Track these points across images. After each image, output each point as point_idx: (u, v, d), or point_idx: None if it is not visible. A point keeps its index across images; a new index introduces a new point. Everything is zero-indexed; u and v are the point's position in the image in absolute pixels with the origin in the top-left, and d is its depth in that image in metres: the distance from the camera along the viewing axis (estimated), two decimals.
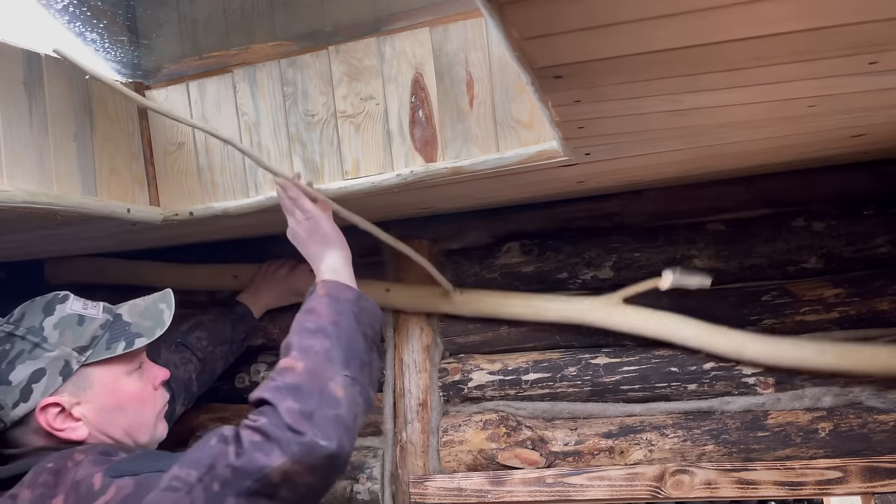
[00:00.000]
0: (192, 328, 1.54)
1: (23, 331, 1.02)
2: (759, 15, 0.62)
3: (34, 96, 1.17)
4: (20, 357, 1.00)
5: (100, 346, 1.05)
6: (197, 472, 0.84)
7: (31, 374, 0.99)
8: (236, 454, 0.85)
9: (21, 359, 0.99)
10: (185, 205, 1.38)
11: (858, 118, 1.03)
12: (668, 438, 1.46)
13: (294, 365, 0.97)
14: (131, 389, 1.08)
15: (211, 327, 1.56)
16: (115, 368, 1.06)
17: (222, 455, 0.85)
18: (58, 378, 1.00)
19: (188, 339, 1.52)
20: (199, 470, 0.84)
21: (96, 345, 1.05)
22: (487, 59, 1.18)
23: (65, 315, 1.05)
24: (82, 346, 1.03)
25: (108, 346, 1.05)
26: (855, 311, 1.42)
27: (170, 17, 1.39)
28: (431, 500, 1.56)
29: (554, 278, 1.59)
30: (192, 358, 1.51)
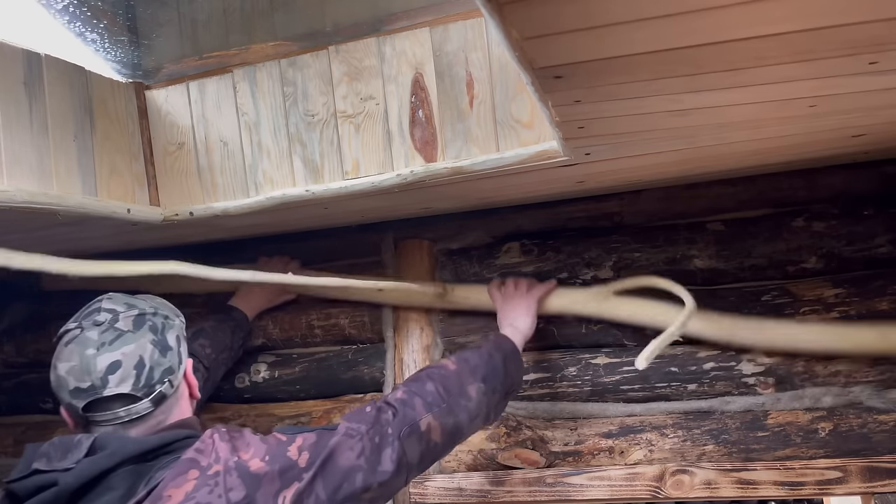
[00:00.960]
0: (196, 335, 1.54)
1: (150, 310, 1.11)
2: (759, 15, 0.62)
3: (34, 96, 1.17)
4: (165, 328, 1.10)
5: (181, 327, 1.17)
6: (365, 426, 1.08)
7: (176, 339, 1.11)
8: (393, 415, 1.12)
9: (166, 328, 1.10)
10: (185, 205, 1.38)
11: (858, 118, 1.03)
12: (668, 438, 1.46)
13: (447, 365, 1.25)
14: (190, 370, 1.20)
15: (213, 335, 1.57)
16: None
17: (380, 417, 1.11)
18: (184, 343, 1.13)
19: (193, 346, 1.51)
20: (367, 424, 1.08)
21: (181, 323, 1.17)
22: (487, 59, 1.18)
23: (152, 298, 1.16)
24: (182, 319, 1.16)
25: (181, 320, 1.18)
26: (855, 310, 1.42)
27: (170, 17, 1.39)
28: (431, 500, 1.56)
29: (554, 278, 1.59)
30: (199, 366, 1.51)
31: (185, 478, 0.94)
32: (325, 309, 1.74)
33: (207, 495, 0.92)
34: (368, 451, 1.06)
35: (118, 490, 0.95)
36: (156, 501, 0.92)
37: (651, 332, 1.41)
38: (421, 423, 1.13)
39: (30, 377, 1.92)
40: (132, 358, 1.04)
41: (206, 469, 0.95)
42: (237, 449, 1.00)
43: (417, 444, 1.12)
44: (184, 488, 0.93)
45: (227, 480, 0.95)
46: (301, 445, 1.02)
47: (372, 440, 1.07)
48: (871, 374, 1.39)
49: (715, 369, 1.45)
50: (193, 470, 0.95)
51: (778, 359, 1.43)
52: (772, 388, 1.43)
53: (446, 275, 1.66)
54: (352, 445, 1.04)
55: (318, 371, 1.71)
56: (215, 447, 0.99)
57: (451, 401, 1.18)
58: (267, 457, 0.99)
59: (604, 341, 1.54)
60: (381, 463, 1.06)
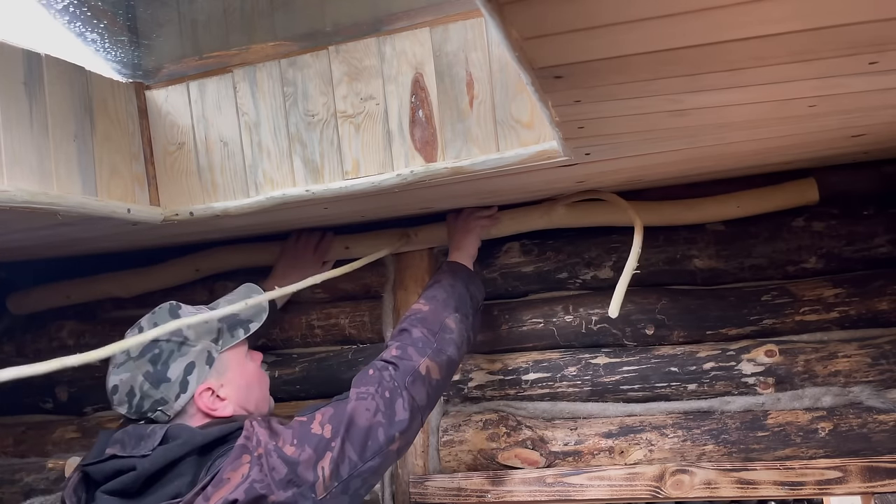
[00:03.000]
0: None
1: (165, 337, 1.16)
2: (759, 15, 0.62)
3: (34, 96, 1.17)
4: (172, 356, 1.15)
5: (226, 336, 1.22)
6: (372, 388, 1.18)
7: (185, 368, 1.15)
8: (394, 369, 1.21)
9: (173, 357, 1.15)
10: (185, 205, 1.38)
11: (858, 118, 1.03)
12: (668, 438, 1.46)
13: (421, 307, 1.34)
14: (252, 368, 1.27)
15: None
16: (239, 352, 1.25)
17: (383, 377, 1.20)
18: (205, 367, 1.18)
19: None
20: (373, 386, 1.18)
21: (223, 335, 1.22)
22: (487, 59, 1.18)
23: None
24: (214, 338, 1.21)
25: (232, 333, 1.23)
26: (855, 310, 1.42)
27: (170, 17, 1.39)
28: (431, 499, 1.56)
29: (554, 278, 1.59)
30: None
31: (240, 462, 1.05)
32: (324, 309, 1.74)
33: (259, 473, 1.03)
34: (383, 407, 1.16)
35: (186, 476, 1.06)
36: (217, 485, 1.02)
37: None
38: (420, 369, 1.23)
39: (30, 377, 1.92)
40: (125, 386, 1.15)
41: (253, 452, 1.06)
42: (273, 435, 1.09)
43: (422, 387, 1.22)
44: (240, 471, 1.04)
45: (269, 461, 1.05)
46: (322, 420, 1.12)
47: (382, 396, 1.17)
48: (871, 374, 1.39)
49: (715, 369, 1.45)
50: (245, 455, 1.06)
51: (778, 359, 1.43)
52: (772, 388, 1.43)
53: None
54: (367, 406, 1.14)
55: (318, 371, 1.71)
56: (256, 432, 1.09)
57: (437, 339, 1.28)
58: (295, 440, 1.08)
59: (604, 341, 1.54)
60: (397, 414, 1.17)
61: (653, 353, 1.50)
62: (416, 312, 1.34)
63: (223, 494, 1.01)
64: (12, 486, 1.86)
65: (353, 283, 1.72)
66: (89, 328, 1.89)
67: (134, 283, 1.82)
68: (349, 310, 1.72)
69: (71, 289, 1.87)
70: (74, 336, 1.89)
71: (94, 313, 1.90)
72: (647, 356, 1.50)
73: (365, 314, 1.70)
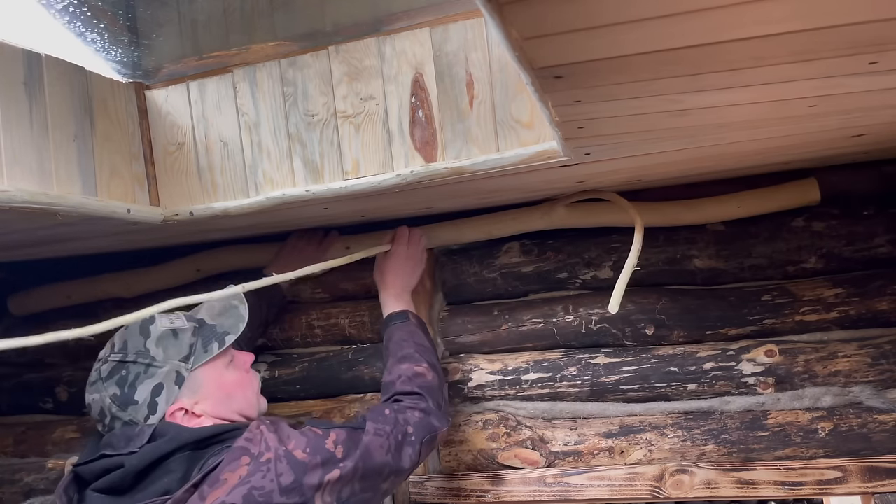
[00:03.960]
0: None
1: (133, 356, 1.17)
2: (759, 15, 0.62)
3: (34, 96, 1.17)
4: (139, 378, 1.16)
5: (198, 352, 1.22)
6: (389, 427, 1.21)
7: (153, 390, 1.15)
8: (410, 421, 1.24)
9: (140, 380, 1.15)
10: (185, 205, 1.38)
11: (858, 118, 1.03)
12: (668, 438, 1.46)
13: (426, 373, 1.35)
14: (233, 379, 1.26)
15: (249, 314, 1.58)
16: (216, 365, 1.23)
17: (399, 421, 1.23)
18: (174, 387, 1.17)
19: None
20: (390, 426, 1.21)
21: (195, 351, 1.21)
22: (487, 59, 1.18)
23: (160, 333, 1.20)
24: (185, 356, 1.20)
25: (205, 349, 1.23)
26: (854, 310, 1.42)
27: (170, 17, 1.39)
28: (431, 499, 1.56)
29: (554, 278, 1.59)
30: None
31: (239, 463, 1.04)
32: (324, 309, 1.74)
33: (261, 480, 1.03)
34: (394, 449, 1.19)
35: (176, 473, 1.06)
36: (213, 484, 1.02)
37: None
38: (437, 433, 1.28)
39: (30, 377, 1.92)
40: (96, 406, 1.17)
41: (257, 456, 1.06)
42: (283, 440, 1.10)
43: (429, 449, 1.26)
44: (238, 472, 1.03)
45: (277, 466, 1.05)
46: (336, 440, 1.13)
47: (395, 439, 1.20)
48: (871, 374, 1.39)
49: (715, 369, 1.45)
50: (245, 457, 1.05)
51: (778, 359, 1.43)
52: (772, 388, 1.43)
53: (446, 274, 1.66)
54: (382, 444, 1.18)
55: (318, 371, 1.71)
56: (264, 437, 1.09)
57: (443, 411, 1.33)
58: (308, 448, 1.09)
59: (604, 341, 1.54)
60: (402, 459, 1.20)
61: (653, 353, 1.50)
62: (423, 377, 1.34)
63: (219, 496, 1.01)
64: (12, 486, 1.86)
65: (353, 283, 1.72)
66: None
67: (135, 284, 1.82)
68: (349, 310, 1.72)
69: (72, 289, 1.87)
70: None
71: (94, 313, 1.90)
72: (647, 356, 1.50)
73: (365, 314, 1.70)
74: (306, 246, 1.64)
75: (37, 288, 1.91)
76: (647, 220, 1.40)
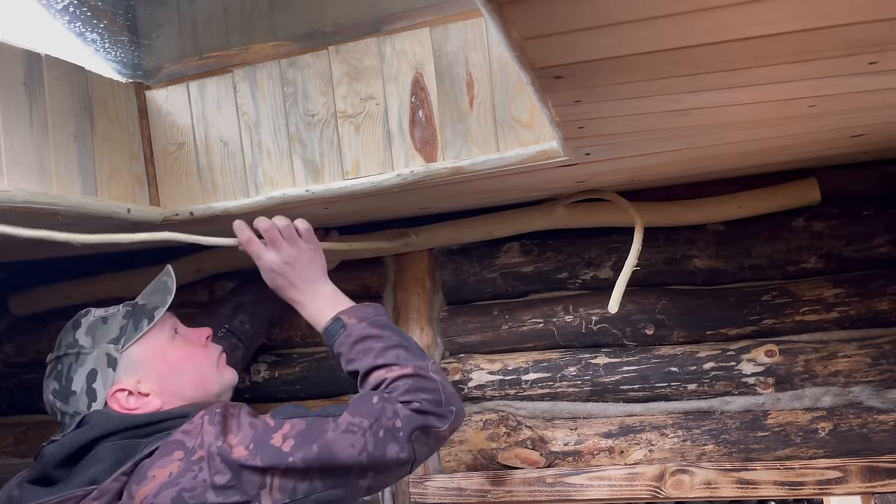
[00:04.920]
0: (235, 311, 1.55)
1: (64, 350, 1.16)
2: (759, 15, 0.62)
3: (34, 96, 1.17)
4: (72, 369, 1.14)
5: (129, 331, 1.18)
6: (368, 421, 1.06)
7: (87, 377, 1.13)
8: (399, 413, 1.07)
9: (73, 370, 1.14)
10: (185, 205, 1.38)
11: (858, 118, 1.03)
12: (668, 438, 1.46)
13: (402, 372, 1.14)
14: (179, 353, 1.21)
15: (252, 309, 1.57)
16: (154, 341, 1.19)
17: (385, 411, 1.07)
18: (108, 370, 1.14)
19: (233, 324, 1.53)
20: (369, 419, 1.06)
21: (126, 331, 1.18)
22: (487, 59, 1.18)
23: (90, 322, 1.19)
24: (115, 338, 1.17)
25: (136, 327, 1.18)
26: (854, 311, 1.42)
27: (170, 17, 1.39)
28: (431, 500, 1.56)
29: (554, 278, 1.59)
30: (240, 344, 1.53)
31: (170, 459, 0.98)
32: None
33: (192, 481, 0.96)
34: (371, 447, 1.05)
35: (105, 462, 1.01)
36: (140, 480, 0.97)
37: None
38: (432, 431, 1.11)
39: (30, 377, 1.92)
40: (48, 405, 1.16)
41: (190, 453, 0.99)
42: (226, 432, 1.02)
43: (425, 445, 1.11)
44: (168, 469, 0.97)
45: (210, 465, 0.98)
46: (287, 433, 1.03)
47: (375, 434, 1.06)
48: (871, 374, 1.39)
49: (715, 369, 1.45)
50: (179, 451, 0.99)
51: (778, 359, 1.43)
52: (772, 387, 1.43)
53: (446, 275, 1.66)
54: (353, 442, 1.04)
55: (318, 371, 1.71)
56: (202, 430, 1.01)
57: (446, 404, 1.14)
58: (251, 444, 1.01)
59: (604, 341, 1.54)
60: (385, 455, 1.06)
61: (653, 353, 1.50)
62: (403, 380, 1.14)
63: (146, 494, 0.95)
64: None
65: (353, 283, 1.72)
66: None
67: (135, 284, 1.81)
68: None
69: (71, 289, 1.86)
70: None
71: None
72: (647, 356, 1.50)
73: None
74: None
75: (37, 288, 1.90)
76: (647, 220, 1.40)
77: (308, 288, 1.27)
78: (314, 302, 1.27)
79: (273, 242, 1.26)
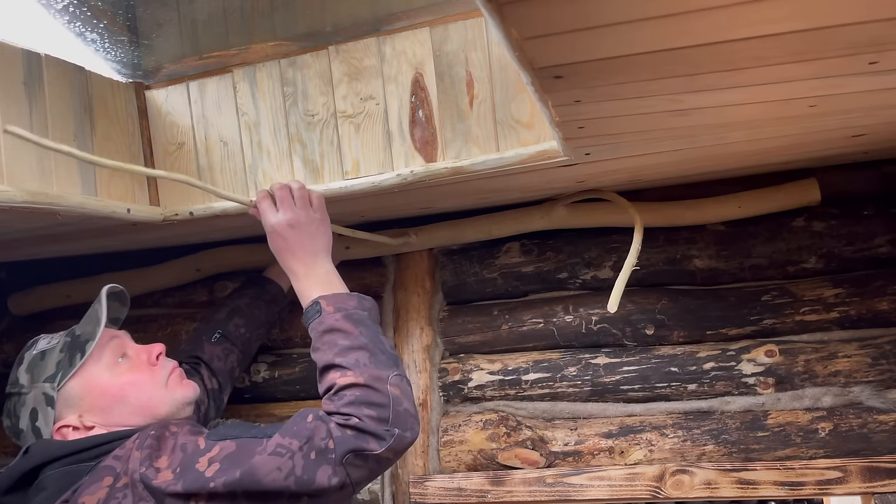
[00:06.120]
0: (230, 315, 1.55)
1: (10, 388, 1.18)
2: (759, 15, 0.62)
3: (34, 96, 1.17)
4: (16, 408, 1.16)
5: (64, 367, 1.16)
6: (298, 442, 0.99)
7: (30, 416, 1.14)
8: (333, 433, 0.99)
9: (17, 409, 1.16)
10: (185, 205, 1.38)
11: (858, 118, 1.03)
12: (668, 438, 1.46)
13: (355, 381, 1.05)
14: (119, 381, 1.17)
15: (248, 312, 1.56)
16: (92, 373, 1.16)
17: (318, 431, 1.00)
18: (48, 409, 1.14)
19: (227, 328, 1.53)
20: (300, 440, 0.99)
21: (62, 368, 1.16)
22: (487, 59, 1.18)
23: (31, 358, 1.19)
24: (51, 375, 1.15)
25: (71, 362, 1.16)
26: (855, 311, 1.42)
27: (170, 17, 1.39)
28: (431, 500, 1.56)
29: (554, 278, 1.59)
30: (234, 348, 1.52)
31: (100, 485, 0.97)
32: None
33: None
34: (300, 470, 0.98)
35: (49, 489, 1.01)
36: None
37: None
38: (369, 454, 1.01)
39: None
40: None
41: (117, 478, 0.98)
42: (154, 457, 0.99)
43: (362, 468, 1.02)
44: (97, 495, 0.96)
45: (134, 492, 0.96)
46: (214, 456, 0.99)
47: (306, 457, 0.98)
48: (871, 374, 1.39)
49: (715, 369, 1.45)
50: (108, 477, 0.98)
51: (778, 359, 1.43)
52: (772, 388, 1.43)
53: (446, 275, 1.66)
54: (280, 465, 0.97)
55: None
56: (131, 455, 0.99)
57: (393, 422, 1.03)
58: (178, 468, 0.98)
59: (604, 341, 1.54)
60: (316, 481, 0.98)
61: (653, 353, 1.50)
62: (351, 389, 1.05)
63: None
64: None
65: (353, 283, 1.72)
66: None
67: (134, 283, 1.82)
68: None
69: (71, 289, 1.87)
70: None
71: None
72: (647, 356, 1.50)
73: None
74: None
75: (37, 288, 1.91)
76: (647, 220, 1.40)
77: (305, 259, 1.20)
78: (306, 276, 1.19)
79: (282, 202, 1.19)
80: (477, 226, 1.59)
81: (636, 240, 1.31)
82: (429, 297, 1.67)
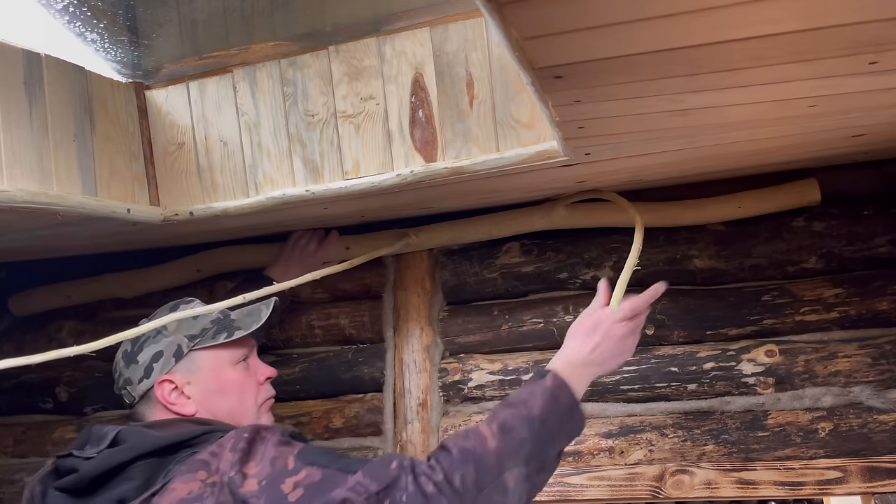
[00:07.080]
0: None
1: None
2: (759, 15, 0.62)
3: (34, 96, 1.17)
4: (147, 342, 1.20)
5: (207, 336, 1.22)
6: (377, 486, 0.96)
7: (153, 355, 1.18)
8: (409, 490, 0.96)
9: (147, 342, 1.20)
10: (185, 205, 1.38)
11: (858, 118, 1.03)
12: (668, 438, 1.46)
13: (489, 439, 1.03)
14: (233, 377, 1.24)
15: None
16: (220, 357, 1.23)
17: (399, 482, 0.97)
18: (171, 359, 1.19)
19: None
20: (379, 485, 0.96)
21: (204, 335, 1.22)
22: (487, 59, 1.18)
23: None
24: (193, 335, 1.21)
25: (214, 336, 1.23)
26: (855, 311, 1.42)
27: (170, 17, 1.39)
28: None
29: (554, 278, 1.59)
30: None
31: (194, 476, 0.99)
32: (324, 309, 1.74)
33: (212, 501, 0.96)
34: None
35: (136, 481, 1.03)
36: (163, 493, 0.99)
37: None
38: None
39: (30, 377, 1.92)
40: (116, 359, 1.22)
41: (210, 474, 0.99)
42: (244, 461, 0.99)
43: None
44: (189, 486, 0.98)
45: (220, 493, 0.97)
46: (300, 481, 0.98)
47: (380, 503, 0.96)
48: (871, 374, 1.39)
49: (715, 369, 1.45)
50: (202, 471, 1.00)
51: (778, 359, 1.43)
52: (772, 388, 1.43)
53: (446, 275, 1.66)
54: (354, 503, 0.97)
55: (318, 371, 1.71)
56: (224, 455, 1.00)
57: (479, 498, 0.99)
58: (264, 482, 0.98)
59: None
60: None
61: (653, 353, 1.50)
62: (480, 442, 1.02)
63: None
64: (12, 486, 1.86)
65: (353, 283, 1.73)
66: (89, 328, 1.88)
67: (135, 284, 1.82)
68: (349, 310, 1.72)
69: (72, 289, 1.87)
70: (74, 336, 1.89)
71: (94, 313, 1.90)
72: (647, 356, 1.50)
73: (365, 314, 1.70)
74: (306, 246, 1.64)
75: (37, 288, 1.91)
76: (647, 220, 1.40)
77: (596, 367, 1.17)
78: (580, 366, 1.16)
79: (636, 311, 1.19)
80: (477, 226, 1.59)
81: (637, 240, 1.31)
82: (429, 297, 1.67)
